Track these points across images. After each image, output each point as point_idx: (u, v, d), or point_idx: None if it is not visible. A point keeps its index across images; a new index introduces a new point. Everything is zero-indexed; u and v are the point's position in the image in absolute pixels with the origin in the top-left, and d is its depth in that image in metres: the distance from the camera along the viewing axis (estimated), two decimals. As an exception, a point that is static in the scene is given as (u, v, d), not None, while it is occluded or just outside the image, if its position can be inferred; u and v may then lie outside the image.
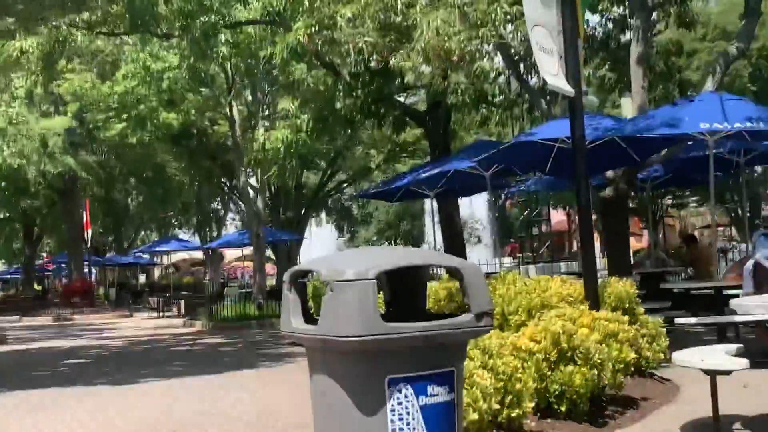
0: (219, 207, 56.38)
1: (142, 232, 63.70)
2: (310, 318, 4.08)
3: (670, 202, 56.91)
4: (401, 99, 18.40)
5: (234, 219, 67.63)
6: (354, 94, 16.04)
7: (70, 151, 34.50)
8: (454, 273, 3.91)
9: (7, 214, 45.03)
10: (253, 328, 21.94)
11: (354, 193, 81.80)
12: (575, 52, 7.84)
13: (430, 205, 61.10)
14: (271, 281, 41.81)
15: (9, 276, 61.58)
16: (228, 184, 34.92)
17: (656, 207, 56.63)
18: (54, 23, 16.21)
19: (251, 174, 31.40)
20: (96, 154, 37.80)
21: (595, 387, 6.28)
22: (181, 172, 43.34)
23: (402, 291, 4.19)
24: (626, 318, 7.23)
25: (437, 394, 3.72)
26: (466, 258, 18.14)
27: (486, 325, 3.83)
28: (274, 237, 28.33)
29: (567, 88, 7.59)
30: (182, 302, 30.87)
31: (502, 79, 16.17)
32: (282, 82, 23.07)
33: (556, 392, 6.06)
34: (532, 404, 5.67)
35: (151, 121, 20.52)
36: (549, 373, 6.06)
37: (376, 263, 3.70)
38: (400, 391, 3.63)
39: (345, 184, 36.73)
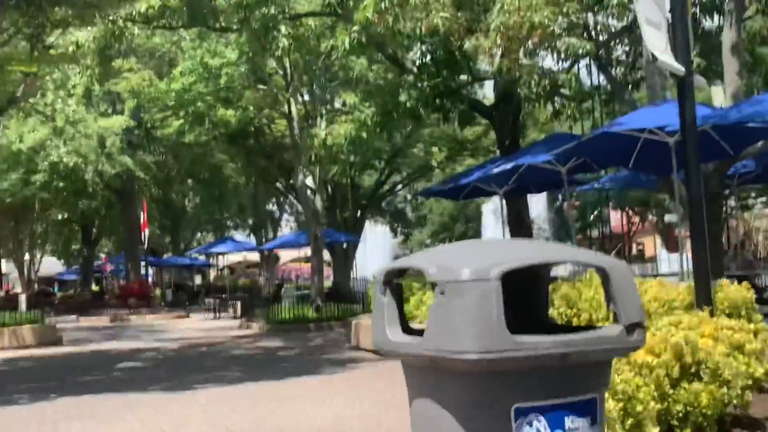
0: (274, 208, 56.17)
1: (198, 234, 63.81)
2: (407, 328, 3.26)
3: (733, 203, 55.28)
4: (466, 93, 17.51)
5: (289, 220, 67.48)
6: (419, 86, 15.24)
7: (127, 151, 34.36)
8: (600, 274, 3.05)
9: (66, 215, 45.11)
10: (312, 330, 21.27)
11: (411, 193, 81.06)
12: (685, 26, 6.93)
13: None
14: (326, 283, 41.32)
15: (67, 277, 61.95)
16: (284, 184, 34.33)
17: (723, 207, 55.08)
18: (110, 16, 15.68)
19: (308, 173, 30.90)
20: (153, 154, 37.63)
21: (722, 407, 5.37)
22: (237, 172, 43.11)
23: (520, 295, 3.32)
24: (752, 326, 6.29)
25: (577, 428, 2.89)
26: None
27: (638, 339, 2.98)
28: (332, 238, 27.62)
29: (677, 66, 6.69)
30: (238, 304, 30.43)
31: (577, 68, 15.24)
32: (342, 77, 22.43)
33: (680, 414, 5.17)
34: (656, 430, 4.80)
35: (209, 118, 19.93)
36: (671, 391, 5.17)
37: (500, 259, 2.87)
38: (530, 424, 2.82)
39: (402, 184, 35.81)
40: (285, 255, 67.96)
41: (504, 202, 15.80)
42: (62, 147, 26.78)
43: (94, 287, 53.58)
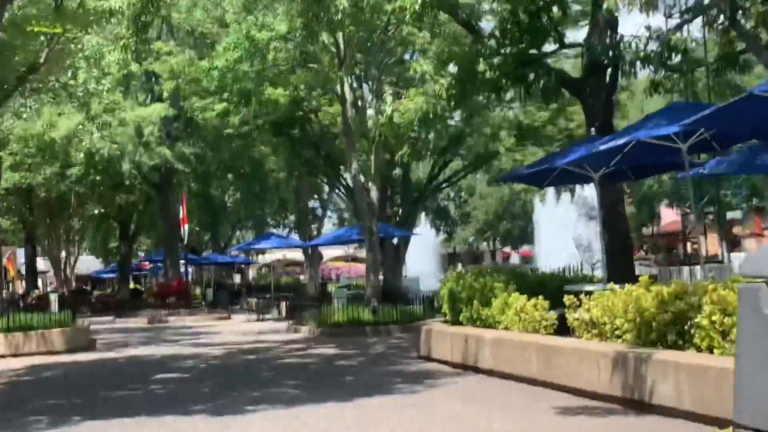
0: (317, 205, 54.26)
1: (238, 232, 62.19)
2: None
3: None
4: (551, 64, 15.28)
5: (331, 217, 65.59)
6: (501, 53, 13.07)
7: (166, 142, 32.65)
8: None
9: (102, 211, 43.58)
10: (369, 335, 19.18)
11: (457, 191, 78.81)
12: None
13: (552, 198, 56.87)
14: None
15: (105, 275, 60.48)
16: (332, 176, 32.28)
17: None
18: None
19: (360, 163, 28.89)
20: (193, 146, 35.86)
21: None
22: (280, 166, 41.21)
23: None
24: None
25: None
26: (631, 260, 14.88)
27: None
28: (384, 233, 25.48)
29: None
30: (283, 304, 28.48)
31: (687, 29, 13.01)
32: (400, 52, 20.30)
33: None
34: None
35: (257, 97, 17.90)
36: None
37: None
38: None
39: (457, 176, 33.44)
40: (326, 254, 66.21)
41: (598, 189, 13.55)
42: (96, 133, 24.94)
43: (133, 286, 52.13)
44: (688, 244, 72.02)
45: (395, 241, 30.85)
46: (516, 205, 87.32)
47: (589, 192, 56.24)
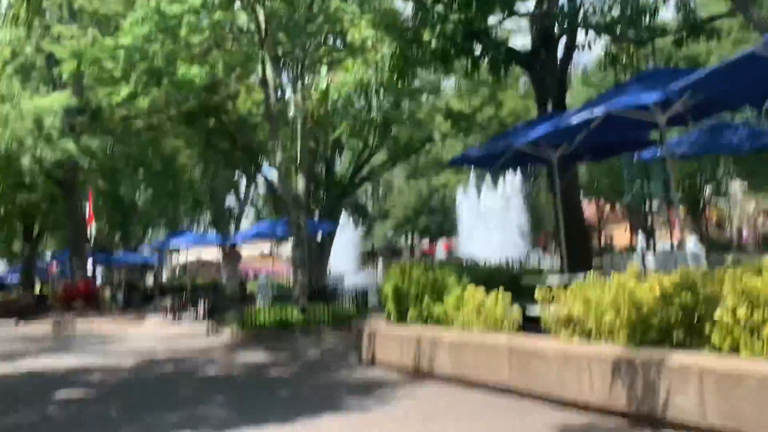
0: (234, 203, 52.16)
1: (150, 231, 59.53)
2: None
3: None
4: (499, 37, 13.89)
5: (248, 214, 63.36)
6: (446, 20, 11.60)
7: (69, 135, 30.26)
8: None
9: (2, 210, 40.66)
10: (298, 337, 17.52)
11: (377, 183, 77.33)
12: None
13: (472, 193, 56.13)
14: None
15: (9, 279, 56.93)
16: (249, 170, 30.46)
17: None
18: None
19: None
20: (99, 138, 33.51)
21: None
22: (193, 160, 39.11)
23: None
24: None
25: None
26: (590, 250, 13.59)
27: None
28: (313, 227, 23.78)
29: None
30: (201, 305, 26.50)
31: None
32: (326, 30, 18.66)
33: None
34: None
35: (168, 78, 16.01)
36: None
37: None
38: None
39: (387, 165, 31.90)
40: (243, 252, 63.93)
41: (556, 172, 12.23)
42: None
43: (39, 289, 49.09)
44: (603, 236, 72.57)
45: (319, 237, 29.24)
46: (434, 199, 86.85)
47: (511, 179, 55.90)
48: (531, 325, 9.96)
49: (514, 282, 12.20)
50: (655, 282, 7.60)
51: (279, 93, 18.69)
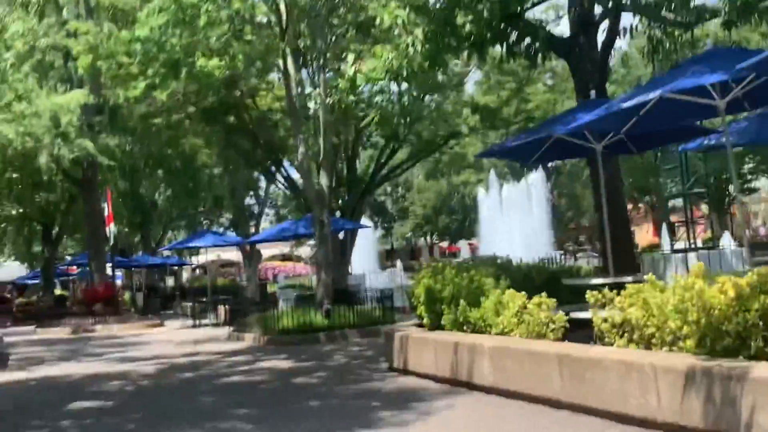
0: (253, 202, 51.64)
1: (170, 232, 59.14)
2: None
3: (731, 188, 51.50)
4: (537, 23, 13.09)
5: (268, 214, 62.92)
6: (480, 1, 10.82)
7: (87, 133, 29.71)
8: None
9: (21, 211, 40.29)
10: (323, 342, 16.81)
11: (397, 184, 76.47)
12: None
13: (495, 191, 55.20)
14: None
15: (29, 281, 56.55)
16: (270, 168, 29.76)
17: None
18: None
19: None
20: (117, 138, 33.00)
21: None
22: (213, 159, 38.54)
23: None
24: None
25: None
26: (633, 250, 12.75)
27: None
28: (336, 226, 23.03)
29: None
30: (221, 308, 25.90)
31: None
32: (350, 20, 17.93)
33: None
34: None
35: (187, 69, 15.32)
36: None
37: None
38: None
39: (406, 164, 31.02)
40: (263, 253, 63.39)
41: (600, 163, 11.42)
42: (6, 126, 21.97)
43: (60, 292, 48.74)
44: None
45: (341, 236, 28.51)
46: (454, 199, 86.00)
47: (534, 176, 54.99)
48: (577, 330, 9.22)
49: (553, 283, 11.44)
50: (727, 284, 6.80)
51: (301, 87, 17.98)
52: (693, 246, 20.01)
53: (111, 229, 29.82)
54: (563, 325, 9.25)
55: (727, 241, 26.12)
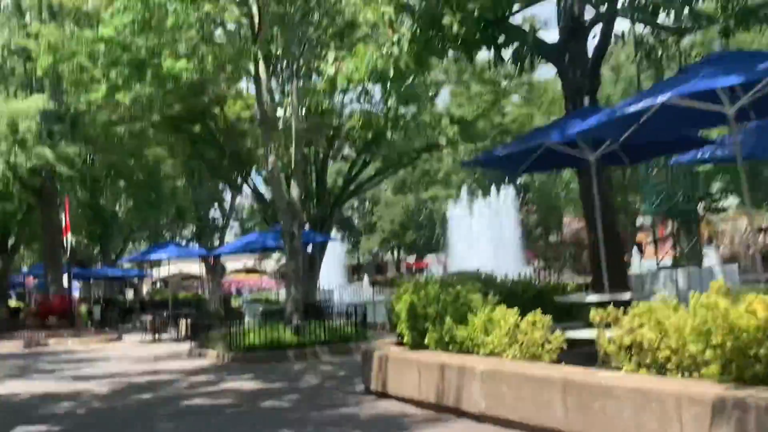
0: (217, 214, 50.48)
1: (131, 244, 57.68)
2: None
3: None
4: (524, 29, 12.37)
5: (232, 227, 61.68)
6: (468, 6, 10.08)
7: (46, 141, 28.58)
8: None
9: (-25, 221, 38.85)
10: (292, 360, 15.90)
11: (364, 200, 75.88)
12: None
13: (463, 207, 54.70)
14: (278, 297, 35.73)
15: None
16: (236, 179, 28.85)
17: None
18: None
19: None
20: (78, 145, 31.90)
21: None
22: (177, 170, 37.54)
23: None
24: None
25: None
26: (624, 266, 12.03)
27: None
28: (306, 238, 22.08)
29: None
30: (183, 322, 24.82)
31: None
32: (325, 24, 17.14)
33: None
34: None
35: (153, 70, 14.39)
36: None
37: None
38: None
39: (381, 176, 30.18)
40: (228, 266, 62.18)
41: (594, 174, 10.69)
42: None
43: (15, 304, 47.12)
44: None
45: (309, 249, 27.62)
46: (422, 214, 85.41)
47: (504, 192, 54.57)
48: (568, 351, 8.49)
49: (539, 299, 10.72)
50: (756, 303, 6.08)
51: (271, 94, 17.14)
52: (673, 264, 19.43)
53: (68, 239, 28.62)
54: (560, 345, 8.52)
55: (713, 259, 25.68)
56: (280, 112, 19.00)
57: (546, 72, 26.03)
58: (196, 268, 58.63)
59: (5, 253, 41.68)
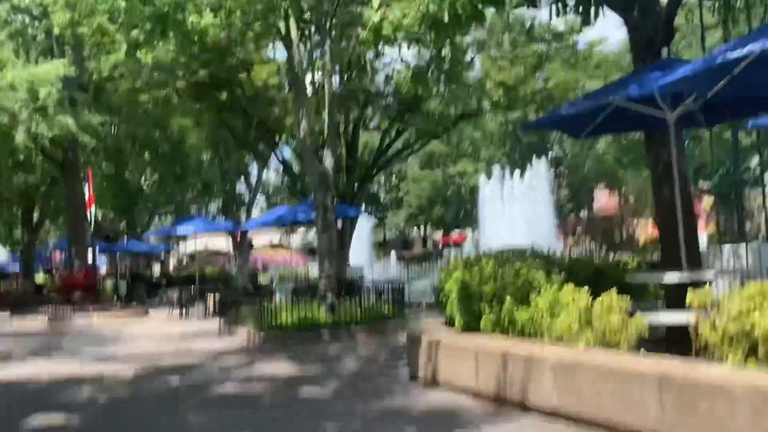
0: (243, 189, 49.60)
1: (156, 219, 57.09)
2: None
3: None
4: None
5: (258, 202, 60.86)
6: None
7: (68, 109, 27.70)
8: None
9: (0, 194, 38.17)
10: (327, 341, 14.95)
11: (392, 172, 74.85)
12: None
13: (497, 183, 53.94)
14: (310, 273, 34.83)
15: (10, 268, 54.23)
16: (264, 150, 27.84)
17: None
18: None
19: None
20: (102, 115, 31.07)
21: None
22: (202, 142, 36.62)
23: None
24: None
25: None
26: (697, 242, 10.88)
27: None
28: (339, 211, 21.02)
29: None
30: (211, 298, 24.00)
31: None
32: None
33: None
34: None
35: (176, 27, 13.30)
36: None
37: None
38: None
39: (417, 145, 28.89)
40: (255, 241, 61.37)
41: (673, 135, 9.55)
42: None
43: (41, 278, 46.64)
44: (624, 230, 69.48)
45: (339, 224, 26.62)
46: (450, 189, 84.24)
47: (537, 167, 53.30)
48: (645, 339, 7.44)
49: (599, 278, 9.66)
50: None
51: (306, 52, 16.06)
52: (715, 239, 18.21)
53: (92, 212, 27.81)
54: (642, 331, 7.47)
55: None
56: (311, 77, 17.94)
57: (592, 33, 24.70)
58: (222, 243, 57.96)
59: (30, 227, 41.14)
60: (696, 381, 5.77)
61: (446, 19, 7.92)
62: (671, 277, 8.80)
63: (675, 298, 9.35)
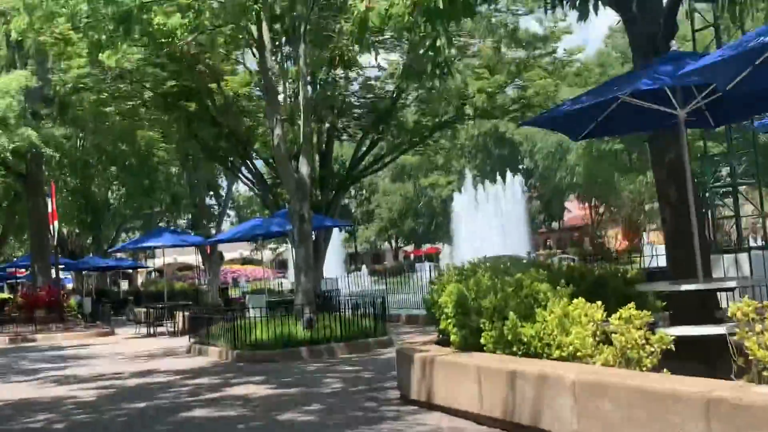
0: (213, 202, 48.52)
1: (124, 234, 55.76)
2: None
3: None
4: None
5: (229, 216, 59.75)
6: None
7: (31, 121, 26.64)
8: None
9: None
10: (306, 359, 14.03)
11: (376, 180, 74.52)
12: None
13: (470, 194, 53.49)
14: (281, 286, 33.90)
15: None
16: (235, 161, 26.89)
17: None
18: None
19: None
20: (66, 127, 30.00)
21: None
22: (171, 154, 35.55)
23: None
24: None
25: None
26: (707, 240, 10.14)
27: None
28: (316, 223, 20.05)
29: None
30: (180, 315, 22.91)
31: None
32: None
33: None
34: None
35: (142, 26, 12.32)
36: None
37: None
38: None
39: (394, 154, 28.00)
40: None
41: (683, 133, 8.82)
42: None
43: (6, 295, 45.15)
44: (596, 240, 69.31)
45: (313, 235, 25.68)
46: (422, 202, 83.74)
47: (509, 178, 52.86)
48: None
49: (599, 288, 8.90)
50: None
51: (279, 56, 15.22)
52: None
53: (55, 226, 26.68)
54: (664, 347, 6.67)
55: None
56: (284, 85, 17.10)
57: (570, 41, 24.12)
58: (192, 257, 56.80)
59: (-7, 243, 39.90)
60: (753, 405, 4.96)
61: (441, 4, 7.10)
62: (688, 286, 8.02)
63: (686, 308, 8.63)
